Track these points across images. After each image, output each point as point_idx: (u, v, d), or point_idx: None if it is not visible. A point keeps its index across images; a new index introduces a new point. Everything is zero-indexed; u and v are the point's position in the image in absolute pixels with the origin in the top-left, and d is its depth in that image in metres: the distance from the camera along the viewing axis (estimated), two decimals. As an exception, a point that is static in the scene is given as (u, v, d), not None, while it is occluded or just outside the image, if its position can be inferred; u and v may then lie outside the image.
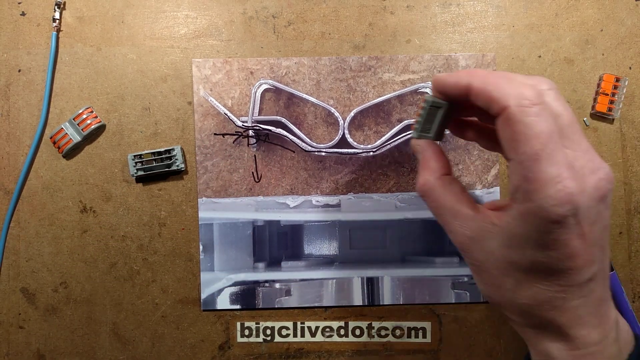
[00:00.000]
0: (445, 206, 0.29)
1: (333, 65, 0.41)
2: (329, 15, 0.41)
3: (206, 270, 0.40)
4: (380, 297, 0.40)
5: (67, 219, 0.40)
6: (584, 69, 0.41)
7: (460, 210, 0.29)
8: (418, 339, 0.40)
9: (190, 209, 0.40)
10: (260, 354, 0.40)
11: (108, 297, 0.40)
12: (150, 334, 0.40)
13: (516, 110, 0.25)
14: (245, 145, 0.41)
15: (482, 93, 0.26)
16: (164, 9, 0.41)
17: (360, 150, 0.40)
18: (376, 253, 0.41)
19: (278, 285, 0.40)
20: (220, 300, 0.40)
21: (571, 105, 0.40)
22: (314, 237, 0.41)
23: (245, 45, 0.41)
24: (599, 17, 0.41)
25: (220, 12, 0.41)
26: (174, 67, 0.41)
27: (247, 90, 0.41)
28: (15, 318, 0.40)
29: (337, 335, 0.40)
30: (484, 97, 0.26)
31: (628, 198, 0.40)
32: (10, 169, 0.40)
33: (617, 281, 0.39)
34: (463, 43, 0.41)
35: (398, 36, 0.41)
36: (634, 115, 0.41)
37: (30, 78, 0.41)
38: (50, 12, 0.41)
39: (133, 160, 0.40)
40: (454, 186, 0.30)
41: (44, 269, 0.40)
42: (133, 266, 0.40)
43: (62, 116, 0.41)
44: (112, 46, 0.41)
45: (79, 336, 0.40)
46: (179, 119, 0.41)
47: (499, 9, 0.41)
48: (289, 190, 0.41)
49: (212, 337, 0.40)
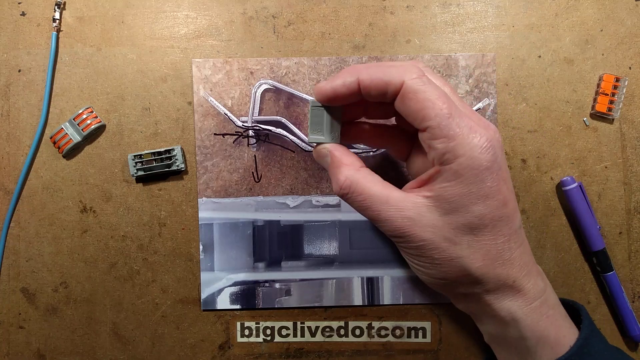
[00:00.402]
0: (375, 195, 0.29)
1: (333, 65, 0.41)
2: (329, 15, 0.41)
3: (206, 270, 0.40)
4: (380, 297, 0.40)
5: (67, 219, 0.40)
6: (583, 69, 0.41)
7: (390, 195, 0.29)
8: (418, 339, 0.40)
9: (190, 209, 0.40)
10: (260, 354, 0.40)
11: (108, 297, 0.40)
12: (150, 334, 0.40)
13: (413, 82, 0.27)
14: (245, 145, 0.41)
15: (374, 81, 0.28)
16: (164, 9, 0.41)
17: (360, 151, 0.40)
18: (376, 253, 0.41)
19: (278, 285, 0.40)
20: (220, 300, 0.40)
21: (571, 106, 0.41)
22: (314, 237, 0.41)
23: (245, 45, 0.41)
24: (598, 17, 0.41)
25: (220, 12, 0.41)
26: (174, 67, 0.41)
27: (247, 90, 0.41)
28: (15, 318, 0.40)
29: (337, 335, 0.40)
30: (377, 85, 0.28)
31: (628, 198, 0.40)
32: (10, 169, 0.40)
33: (617, 281, 0.39)
34: (463, 43, 0.41)
35: (398, 36, 0.41)
36: (633, 115, 0.41)
37: (30, 78, 0.41)
38: (50, 12, 0.41)
39: (133, 160, 0.40)
40: (374, 176, 0.30)
41: (44, 269, 0.40)
42: (133, 266, 0.40)
43: (62, 116, 0.41)
44: (112, 46, 0.41)
45: (79, 336, 0.40)
46: (179, 119, 0.41)
47: (499, 9, 0.41)
48: (289, 190, 0.41)
49: (212, 337, 0.40)
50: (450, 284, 0.29)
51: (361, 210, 0.29)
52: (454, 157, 0.26)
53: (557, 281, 0.40)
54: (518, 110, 0.41)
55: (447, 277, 0.28)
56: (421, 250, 0.28)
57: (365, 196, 0.29)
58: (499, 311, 0.29)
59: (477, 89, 0.40)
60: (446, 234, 0.27)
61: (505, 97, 0.40)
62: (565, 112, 0.41)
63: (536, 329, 0.29)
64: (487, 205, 0.27)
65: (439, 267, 0.28)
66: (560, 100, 0.41)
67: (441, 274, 0.28)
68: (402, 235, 0.28)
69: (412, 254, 0.29)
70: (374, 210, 0.28)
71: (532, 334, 0.29)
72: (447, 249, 0.28)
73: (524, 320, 0.29)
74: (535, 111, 0.41)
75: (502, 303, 0.29)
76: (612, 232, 0.40)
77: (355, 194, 0.29)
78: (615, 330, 0.40)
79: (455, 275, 0.28)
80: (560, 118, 0.41)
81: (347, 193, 0.29)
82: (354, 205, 0.30)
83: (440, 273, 0.28)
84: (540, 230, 0.40)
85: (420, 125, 0.27)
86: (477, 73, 0.40)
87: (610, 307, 0.40)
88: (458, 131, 0.26)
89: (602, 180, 0.40)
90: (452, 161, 0.26)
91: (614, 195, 0.40)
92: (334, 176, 0.30)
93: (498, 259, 0.28)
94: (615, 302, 0.39)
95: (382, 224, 0.29)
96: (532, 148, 0.40)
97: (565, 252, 0.40)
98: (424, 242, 0.28)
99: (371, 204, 0.28)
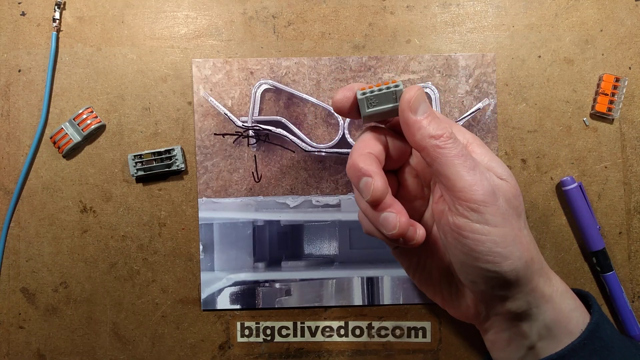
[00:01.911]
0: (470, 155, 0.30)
1: (333, 65, 0.41)
2: (329, 15, 0.41)
3: (206, 270, 0.40)
4: (380, 297, 0.40)
5: (67, 219, 0.40)
6: (583, 69, 0.41)
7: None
8: (418, 338, 0.40)
9: (190, 209, 0.40)
10: (260, 354, 0.40)
11: (108, 297, 0.40)
12: (150, 334, 0.40)
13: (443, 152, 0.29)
14: (245, 145, 0.41)
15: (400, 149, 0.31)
16: (164, 9, 0.41)
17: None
18: (376, 253, 0.41)
19: (278, 285, 0.40)
20: (220, 300, 0.40)
21: (571, 106, 0.41)
22: (314, 237, 0.41)
23: (245, 45, 0.41)
24: (598, 17, 0.41)
25: (220, 12, 0.41)
26: (174, 67, 0.41)
27: (247, 90, 0.41)
28: (15, 318, 0.40)
29: (337, 335, 0.40)
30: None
31: (628, 198, 0.40)
32: (10, 169, 0.40)
33: (617, 281, 0.39)
34: (463, 43, 0.41)
35: (398, 36, 0.41)
36: (633, 115, 0.41)
37: (30, 78, 0.41)
38: (50, 12, 0.41)
39: (133, 160, 0.40)
40: None
41: (44, 269, 0.40)
42: (133, 266, 0.40)
43: (62, 116, 0.41)
44: (112, 46, 0.41)
45: (79, 336, 0.40)
46: (179, 119, 0.41)
47: (499, 9, 0.41)
48: (289, 190, 0.41)
49: (212, 337, 0.40)
50: (516, 269, 0.29)
51: (457, 159, 0.28)
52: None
53: (557, 281, 0.40)
54: (518, 110, 0.41)
55: (519, 253, 0.28)
56: (502, 218, 0.28)
57: (465, 149, 0.29)
58: (551, 289, 0.30)
59: (477, 89, 0.40)
60: (512, 212, 0.29)
61: (505, 97, 0.41)
62: (565, 112, 0.41)
63: (576, 300, 0.31)
64: (517, 198, 0.30)
65: (514, 241, 0.28)
66: (560, 100, 0.41)
67: (515, 251, 0.28)
68: (493, 194, 0.28)
69: (490, 225, 0.28)
70: (473, 162, 0.29)
71: (575, 304, 0.31)
72: (516, 223, 0.29)
73: (568, 292, 0.31)
74: (535, 111, 0.41)
75: (552, 281, 0.31)
76: (612, 232, 0.40)
77: (457, 142, 0.29)
78: (615, 330, 0.40)
79: (523, 250, 0.29)
80: (560, 118, 0.41)
81: (453, 139, 0.28)
82: (451, 153, 0.28)
83: (514, 250, 0.28)
84: (540, 230, 0.40)
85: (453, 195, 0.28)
86: (477, 73, 0.40)
87: (610, 307, 0.40)
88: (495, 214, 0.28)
89: (602, 180, 0.40)
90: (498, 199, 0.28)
91: (613, 195, 0.40)
92: (436, 123, 0.29)
93: (532, 242, 0.30)
94: (615, 302, 0.39)
95: (476, 177, 0.28)
96: (532, 148, 0.40)
97: (565, 252, 0.40)
98: (505, 211, 0.28)
99: (471, 159, 0.29)
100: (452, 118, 0.40)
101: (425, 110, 0.28)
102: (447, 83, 0.40)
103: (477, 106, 0.40)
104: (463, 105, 0.40)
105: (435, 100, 0.40)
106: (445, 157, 0.28)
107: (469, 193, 0.27)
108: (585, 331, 0.29)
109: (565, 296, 0.30)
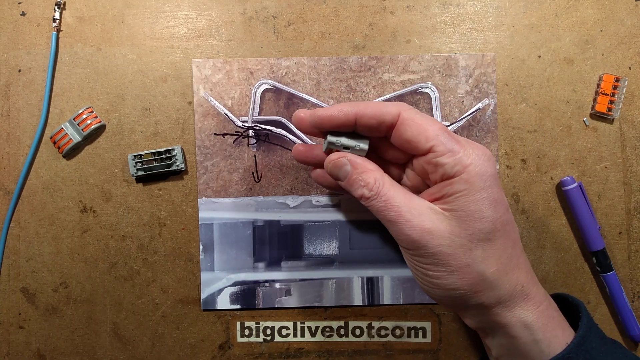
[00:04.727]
0: (400, 202, 0.29)
1: (333, 65, 0.41)
2: (329, 15, 0.41)
3: (206, 270, 0.40)
4: (380, 297, 0.40)
5: (67, 219, 0.40)
6: (583, 69, 0.41)
7: (412, 200, 0.30)
8: (418, 338, 0.40)
9: (190, 209, 0.40)
10: (260, 354, 0.40)
11: (108, 297, 0.40)
12: (150, 334, 0.40)
13: (409, 112, 0.30)
14: (245, 145, 0.41)
15: (374, 112, 0.31)
16: (164, 9, 0.41)
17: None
18: (376, 253, 0.41)
19: (278, 285, 0.40)
20: (220, 300, 0.40)
21: (571, 106, 0.41)
22: (314, 237, 0.41)
23: (245, 45, 0.41)
24: (598, 17, 0.41)
25: (220, 12, 0.41)
26: (174, 67, 0.41)
27: (247, 90, 0.41)
28: (15, 318, 0.40)
29: (337, 335, 0.40)
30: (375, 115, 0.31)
31: (628, 198, 0.40)
32: (10, 169, 0.40)
33: (617, 281, 0.39)
34: (463, 43, 0.41)
35: (398, 36, 0.41)
36: (633, 115, 0.41)
37: (30, 78, 0.41)
38: (50, 12, 0.41)
39: (133, 160, 0.40)
40: (395, 182, 0.32)
41: (44, 269, 0.40)
42: (133, 266, 0.40)
43: (62, 116, 0.41)
44: (112, 46, 0.41)
45: (79, 336, 0.40)
46: (179, 119, 0.41)
47: (499, 9, 0.41)
48: (289, 190, 0.41)
49: (212, 337, 0.40)
50: (464, 295, 0.29)
51: (382, 213, 0.30)
52: (463, 168, 0.28)
53: (557, 281, 0.40)
54: (518, 110, 0.41)
55: (463, 286, 0.29)
56: (438, 257, 0.29)
57: (391, 203, 0.30)
58: (510, 319, 0.30)
59: (477, 89, 0.40)
60: (463, 241, 0.28)
61: (505, 97, 0.41)
62: (565, 112, 0.41)
63: (546, 331, 0.29)
64: (497, 210, 0.28)
65: (455, 274, 0.29)
66: (560, 100, 0.41)
67: (457, 282, 0.29)
68: (420, 241, 0.29)
69: (428, 262, 0.29)
70: (397, 217, 0.29)
71: (543, 336, 0.29)
72: (463, 255, 0.28)
73: (535, 324, 0.29)
74: (535, 111, 0.41)
75: (513, 311, 0.30)
76: (611, 232, 0.40)
77: (382, 199, 0.30)
78: (615, 330, 0.40)
79: (470, 281, 0.29)
80: (560, 118, 0.41)
81: (374, 195, 0.30)
82: (375, 208, 0.30)
83: (456, 281, 0.29)
84: (540, 230, 0.40)
85: (424, 146, 0.29)
86: (477, 73, 0.40)
87: (610, 307, 0.40)
88: (460, 144, 0.29)
89: (602, 180, 0.40)
90: (463, 171, 0.28)
91: (613, 195, 0.40)
92: (361, 181, 0.31)
93: (509, 263, 0.29)
94: (615, 302, 0.39)
95: (401, 231, 0.29)
96: (532, 148, 0.40)
97: (565, 252, 0.40)
98: (441, 249, 0.28)
99: (396, 211, 0.29)
100: (452, 118, 0.40)
101: (345, 175, 0.32)
102: (447, 83, 0.40)
103: (477, 106, 0.40)
104: (463, 105, 0.40)
105: (435, 100, 0.40)
106: (374, 211, 0.30)
107: (404, 241, 0.29)
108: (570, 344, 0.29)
109: (534, 326, 0.29)
